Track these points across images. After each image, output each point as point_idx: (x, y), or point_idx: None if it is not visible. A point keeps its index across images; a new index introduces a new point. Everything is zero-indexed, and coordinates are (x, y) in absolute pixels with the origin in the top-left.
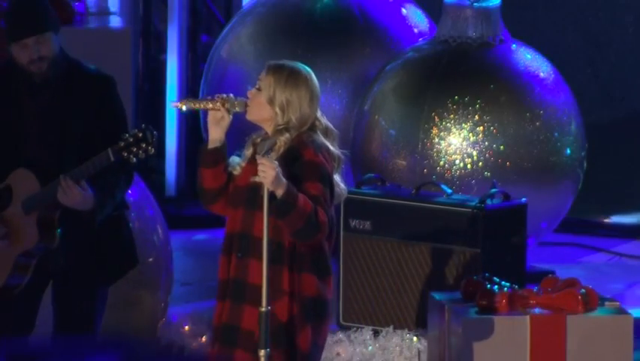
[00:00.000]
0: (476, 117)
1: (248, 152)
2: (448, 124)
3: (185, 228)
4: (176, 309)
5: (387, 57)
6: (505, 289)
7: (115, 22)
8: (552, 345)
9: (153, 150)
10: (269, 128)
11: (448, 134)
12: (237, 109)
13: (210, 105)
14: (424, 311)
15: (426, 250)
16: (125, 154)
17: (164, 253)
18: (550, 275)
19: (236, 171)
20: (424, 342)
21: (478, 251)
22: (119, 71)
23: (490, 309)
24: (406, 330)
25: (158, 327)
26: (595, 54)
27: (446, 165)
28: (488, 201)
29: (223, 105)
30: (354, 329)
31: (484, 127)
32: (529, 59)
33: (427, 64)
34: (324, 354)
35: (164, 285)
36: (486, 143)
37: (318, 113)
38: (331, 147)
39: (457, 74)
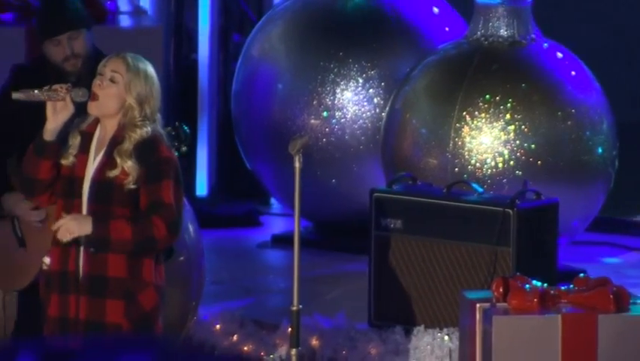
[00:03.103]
0: (508, 116)
1: (75, 140)
2: (480, 123)
3: (216, 227)
4: (207, 308)
5: (419, 56)
6: (537, 288)
7: (147, 21)
8: (583, 344)
9: (186, 148)
10: (109, 121)
11: (480, 133)
12: (81, 98)
13: (52, 95)
14: (456, 310)
15: (457, 249)
16: None
17: (195, 252)
18: (581, 274)
19: (68, 161)
20: (456, 341)
21: (509, 250)
22: None
23: (521, 308)
24: (437, 329)
25: (189, 326)
26: (627, 52)
27: (477, 164)
28: (520, 200)
29: (68, 95)
30: (386, 328)
31: (515, 126)
32: (560, 57)
33: (458, 63)
34: (356, 353)
35: (195, 284)
36: (517, 142)
37: None
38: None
39: (488, 73)
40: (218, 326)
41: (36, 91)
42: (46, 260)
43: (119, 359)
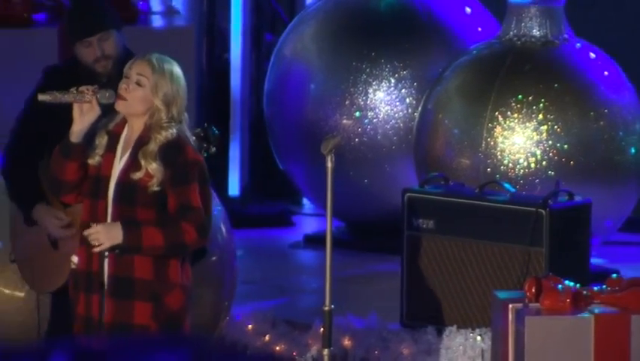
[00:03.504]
0: (540, 116)
1: (102, 140)
2: (512, 123)
3: (248, 227)
4: (239, 308)
5: (452, 56)
6: (570, 288)
7: (179, 21)
8: (616, 345)
9: (214, 149)
10: (136, 121)
11: (512, 134)
12: (108, 100)
13: (79, 97)
14: (488, 311)
15: (489, 249)
16: None
17: (227, 252)
18: (614, 275)
19: (94, 161)
20: (488, 341)
21: (542, 250)
22: (183, 70)
23: (554, 309)
24: (470, 329)
25: (221, 326)
26: None
27: (510, 164)
28: (552, 201)
29: (94, 96)
30: (418, 328)
31: (548, 126)
32: (593, 57)
33: (491, 63)
34: (388, 353)
35: (228, 284)
36: (550, 142)
37: None
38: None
39: (521, 73)
40: (250, 326)
41: (62, 93)
42: (75, 259)
43: (152, 359)
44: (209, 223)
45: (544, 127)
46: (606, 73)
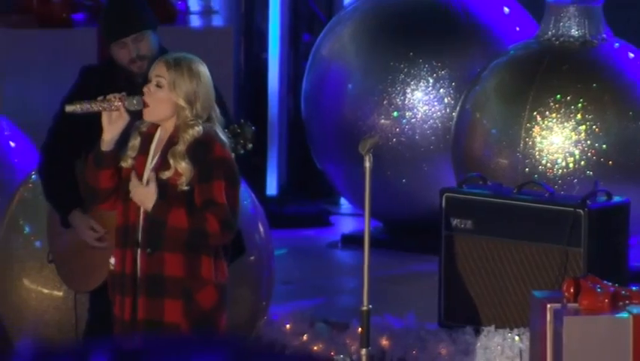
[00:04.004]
0: (579, 116)
1: (135, 142)
2: (550, 123)
3: (286, 227)
4: (277, 308)
5: (490, 56)
6: (608, 288)
7: (217, 20)
8: None
9: (251, 146)
10: (166, 124)
11: (550, 133)
12: (136, 107)
13: (107, 105)
14: (526, 311)
15: (527, 249)
16: None
17: (265, 252)
18: None
19: (127, 164)
20: (526, 341)
21: (580, 250)
22: (220, 70)
23: (592, 309)
24: (508, 329)
25: (259, 326)
26: None
27: (548, 164)
28: (591, 201)
29: (122, 104)
30: (456, 328)
31: (586, 126)
32: (632, 57)
33: (529, 63)
34: (426, 353)
35: (265, 284)
36: (588, 142)
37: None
38: (224, 138)
39: (559, 72)
40: (288, 326)
41: (90, 103)
42: (112, 261)
43: (190, 359)
44: (234, 221)
45: (583, 127)
46: None
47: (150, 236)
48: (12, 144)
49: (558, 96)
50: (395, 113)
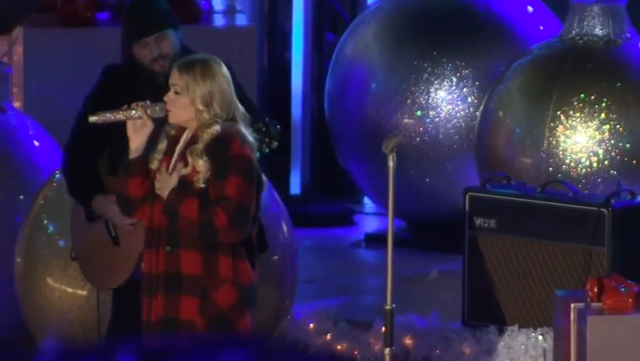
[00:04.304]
0: (602, 116)
1: (162, 145)
2: (574, 122)
3: (309, 226)
4: (300, 307)
5: (513, 55)
6: (632, 288)
7: (240, 20)
8: None
9: (277, 144)
10: (192, 125)
11: (574, 133)
12: (159, 114)
13: (132, 114)
14: (550, 310)
15: (551, 249)
16: None
17: (288, 251)
18: None
19: (154, 166)
20: (550, 341)
21: (604, 250)
22: (244, 69)
23: (616, 308)
24: (531, 329)
25: (282, 325)
26: None
27: (572, 164)
28: (614, 200)
29: (145, 112)
30: (479, 327)
31: (610, 125)
32: None
33: (553, 62)
34: (450, 352)
35: (289, 283)
36: (612, 141)
37: (236, 100)
38: (251, 138)
39: (583, 72)
40: (311, 325)
41: (112, 112)
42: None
43: (215, 359)
44: (244, 218)
45: (607, 126)
46: None
47: (169, 232)
48: (36, 143)
49: (582, 95)
50: (419, 113)
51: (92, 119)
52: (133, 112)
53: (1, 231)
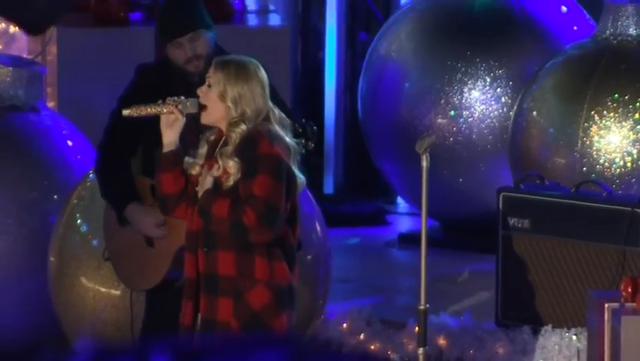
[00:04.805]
0: (637, 115)
1: (203, 150)
2: (608, 122)
3: (343, 225)
4: (333, 306)
5: (547, 55)
6: None
7: (274, 20)
8: None
9: (313, 146)
10: (223, 126)
11: (608, 133)
12: (191, 110)
13: (163, 109)
14: (583, 310)
15: (585, 249)
16: None
17: (322, 251)
18: None
19: (195, 171)
20: (584, 341)
21: (638, 250)
22: (277, 69)
23: None
24: (565, 329)
25: (316, 324)
26: None
27: (606, 164)
28: None
29: (177, 107)
30: (513, 327)
31: None
32: None
33: (586, 62)
34: (483, 353)
35: (322, 282)
36: None
37: (270, 104)
38: (286, 138)
39: (617, 72)
40: (345, 325)
41: (145, 106)
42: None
43: (251, 358)
44: (273, 216)
45: None
46: None
47: (205, 234)
48: (69, 143)
49: (616, 95)
50: (452, 113)
51: (126, 112)
52: (166, 107)
53: (34, 230)
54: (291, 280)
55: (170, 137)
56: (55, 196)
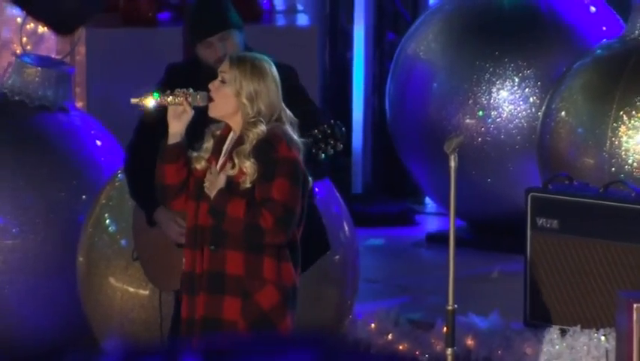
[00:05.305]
0: None
1: (208, 144)
2: (637, 122)
3: (371, 225)
4: (362, 307)
5: (576, 55)
6: None
7: (302, 20)
8: None
9: (341, 147)
10: (233, 123)
11: (637, 133)
12: (200, 103)
13: (172, 100)
14: (612, 310)
15: (613, 249)
16: (314, 150)
17: (350, 251)
18: None
19: (200, 166)
20: (612, 342)
21: None
22: (305, 69)
23: None
24: (594, 329)
25: (344, 324)
26: None
27: (635, 164)
28: None
29: (186, 99)
30: (541, 327)
31: None
32: None
33: (615, 62)
34: (511, 353)
35: (350, 282)
36: None
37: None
38: (295, 137)
39: None
40: (373, 325)
41: (171, 98)
42: (184, 260)
43: (281, 358)
44: (290, 220)
45: None
46: None
47: (214, 232)
48: (98, 142)
49: None
50: (480, 113)
51: (134, 100)
52: (174, 98)
53: (63, 230)
54: (295, 280)
55: (176, 128)
56: (84, 196)
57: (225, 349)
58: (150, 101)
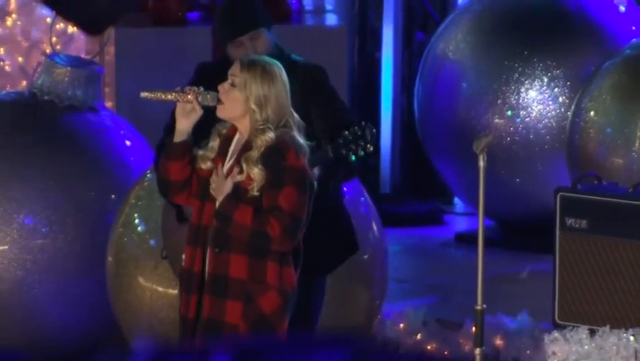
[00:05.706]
0: None
1: (214, 143)
2: None
3: (399, 225)
4: (390, 306)
5: (605, 55)
6: None
7: (331, 19)
8: None
9: (372, 149)
10: (240, 125)
11: None
12: (210, 103)
13: (182, 97)
14: None
15: None
16: (344, 151)
17: (378, 251)
18: None
19: (206, 165)
20: None
21: None
22: (334, 68)
23: None
24: (623, 329)
25: (373, 324)
26: None
27: None
28: None
29: (196, 98)
30: (570, 328)
31: None
32: None
33: None
34: (540, 353)
35: (379, 282)
36: None
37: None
38: (302, 142)
39: None
40: (401, 325)
41: (165, 92)
42: (183, 257)
43: (311, 358)
44: (297, 229)
45: None
46: None
47: (219, 235)
48: (127, 142)
49: None
50: (509, 113)
51: (144, 94)
52: (184, 95)
53: (92, 230)
54: (295, 284)
55: (183, 125)
56: (113, 196)
57: (255, 349)
58: (160, 96)
